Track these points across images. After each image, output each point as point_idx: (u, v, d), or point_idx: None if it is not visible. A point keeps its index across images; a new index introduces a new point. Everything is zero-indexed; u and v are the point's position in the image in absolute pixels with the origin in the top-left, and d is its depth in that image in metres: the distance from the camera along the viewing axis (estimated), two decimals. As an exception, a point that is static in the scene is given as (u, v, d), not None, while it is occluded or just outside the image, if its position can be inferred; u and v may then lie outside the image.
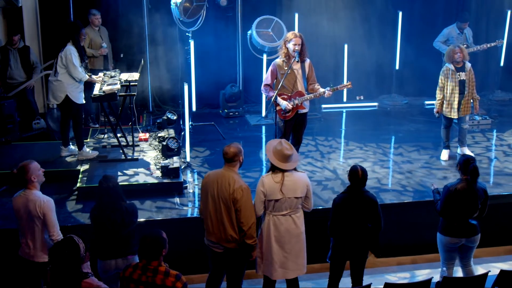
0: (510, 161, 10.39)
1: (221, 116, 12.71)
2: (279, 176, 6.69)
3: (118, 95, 9.34)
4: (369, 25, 13.32)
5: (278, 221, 6.75)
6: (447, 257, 7.46)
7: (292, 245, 6.81)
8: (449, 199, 7.15)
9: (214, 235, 6.75)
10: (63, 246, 5.10)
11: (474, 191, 7.10)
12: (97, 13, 11.44)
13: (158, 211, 8.44)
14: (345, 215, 6.87)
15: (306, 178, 6.82)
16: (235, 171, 6.69)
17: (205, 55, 12.36)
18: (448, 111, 9.98)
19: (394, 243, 8.90)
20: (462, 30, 12.34)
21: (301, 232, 6.86)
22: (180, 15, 11.37)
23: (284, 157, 6.69)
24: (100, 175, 9.09)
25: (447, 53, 10.05)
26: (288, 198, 6.67)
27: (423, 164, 10.18)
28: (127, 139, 10.31)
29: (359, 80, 13.38)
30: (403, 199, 8.92)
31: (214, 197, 6.64)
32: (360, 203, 6.84)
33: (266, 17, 12.13)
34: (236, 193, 6.50)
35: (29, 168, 6.55)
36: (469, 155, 7.55)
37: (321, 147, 10.95)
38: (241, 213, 6.54)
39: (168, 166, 9.06)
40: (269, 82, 8.80)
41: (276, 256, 6.82)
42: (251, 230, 6.57)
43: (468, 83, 9.89)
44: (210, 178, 6.76)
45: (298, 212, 6.83)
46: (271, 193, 6.68)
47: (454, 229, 7.20)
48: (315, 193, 8.94)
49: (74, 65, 9.20)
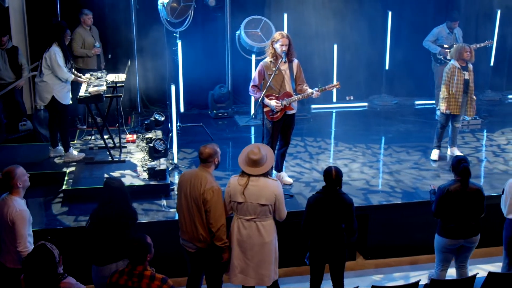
0: (499, 161, 10.35)
1: (210, 117, 12.63)
2: (244, 179, 6.64)
3: (104, 96, 9.25)
4: (359, 25, 13.23)
5: (241, 225, 6.68)
6: (443, 259, 7.40)
7: (254, 253, 6.67)
8: (442, 200, 7.10)
9: (187, 233, 6.76)
10: (37, 256, 5.00)
11: (467, 192, 7.04)
12: (89, 13, 11.35)
13: (145, 214, 8.35)
14: (318, 215, 6.77)
15: (276, 186, 6.66)
16: (209, 172, 6.66)
17: (194, 55, 12.26)
18: (452, 108, 9.89)
19: (382, 244, 8.86)
20: (452, 29, 12.30)
21: (267, 242, 6.68)
22: (167, 16, 11.27)
23: (250, 162, 6.64)
24: (86, 177, 9.14)
25: (457, 48, 9.93)
26: (251, 203, 6.57)
27: (412, 165, 10.12)
28: (114, 141, 10.21)
29: (349, 80, 13.31)
30: (391, 200, 8.86)
31: (187, 196, 6.64)
32: (334, 204, 6.74)
33: (255, 17, 12.06)
34: (206, 193, 6.48)
35: (15, 173, 6.42)
36: (461, 156, 7.50)
37: (310, 148, 10.88)
38: (210, 214, 6.51)
39: (154, 168, 8.99)
40: (256, 83, 8.73)
41: (237, 261, 6.73)
42: (220, 232, 6.53)
43: (470, 83, 9.87)
44: (185, 177, 6.77)
45: (266, 221, 6.67)
46: (233, 194, 6.65)
47: (452, 230, 7.15)
48: (302, 194, 8.90)
49: (59, 65, 9.12)
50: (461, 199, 7.04)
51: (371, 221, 8.72)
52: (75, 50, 11.14)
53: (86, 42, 11.35)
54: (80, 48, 11.24)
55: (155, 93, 12.59)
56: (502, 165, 10.15)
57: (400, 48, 13.60)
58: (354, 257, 8.84)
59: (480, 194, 7.15)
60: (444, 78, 9.90)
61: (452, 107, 9.89)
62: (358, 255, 8.94)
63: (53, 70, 9.17)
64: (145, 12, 12.14)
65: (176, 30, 11.43)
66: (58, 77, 9.22)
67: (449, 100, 9.86)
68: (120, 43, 12.26)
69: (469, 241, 7.21)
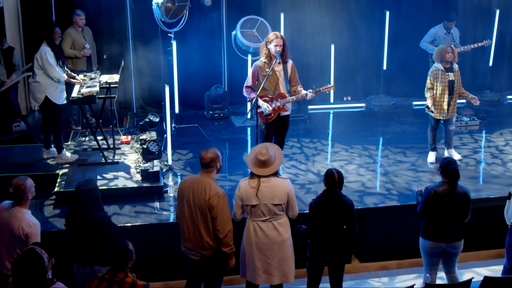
0: (497, 163, 10.24)
1: (206, 118, 12.53)
2: (255, 181, 6.60)
3: (97, 97, 9.15)
4: (356, 24, 13.14)
5: (258, 227, 6.63)
6: (429, 262, 7.30)
7: (275, 252, 6.67)
8: (428, 201, 7.01)
9: (191, 241, 6.59)
10: (26, 260, 4.91)
11: (454, 195, 6.94)
12: (82, 14, 11.24)
13: (137, 216, 8.27)
14: (321, 219, 6.71)
15: (287, 184, 6.67)
16: (211, 177, 6.53)
17: (190, 55, 12.19)
18: (437, 113, 9.81)
19: (378, 247, 8.77)
20: (449, 30, 12.20)
21: (285, 239, 6.70)
22: (161, 16, 11.16)
23: (258, 163, 6.60)
24: (79, 179, 8.98)
25: (438, 51, 9.84)
26: (264, 204, 6.54)
27: (409, 167, 10.02)
28: (108, 142, 10.12)
29: (346, 80, 13.24)
30: (387, 202, 8.75)
31: (190, 204, 6.48)
32: (336, 207, 6.68)
33: (251, 17, 11.96)
34: (212, 200, 6.34)
35: (25, 185, 6.39)
36: (449, 158, 7.42)
37: (306, 149, 10.78)
38: (217, 220, 6.37)
39: (148, 170, 8.89)
40: (250, 84, 8.64)
41: (259, 262, 6.70)
42: (227, 238, 6.42)
43: (456, 84, 9.75)
44: (186, 183, 6.60)
45: (281, 219, 6.68)
46: (246, 198, 6.59)
47: (434, 233, 7.05)
48: (297, 196, 8.69)
49: (50, 64, 9.04)
50: (447, 201, 6.94)
51: (367, 224, 8.62)
52: (64, 50, 10.92)
53: (76, 43, 11.25)
54: (69, 49, 11.12)
55: (150, 93, 12.50)
56: (500, 167, 10.04)
57: (398, 48, 13.52)
58: (349, 260, 8.72)
59: (467, 198, 7.02)
60: (427, 81, 9.79)
61: (438, 111, 9.78)
62: (353, 258, 8.84)
63: (45, 70, 9.09)
64: (140, 12, 12.05)
65: (171, 30, 11.33)
66: (51, 77, 9.13)
67: (435, 104, 9.76)
68: (116, 43, 12.15)
69: (451, 246, 7.08)
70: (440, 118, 9.87)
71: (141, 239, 7.91)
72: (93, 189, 6.64)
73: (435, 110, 9.79)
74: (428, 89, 9.77)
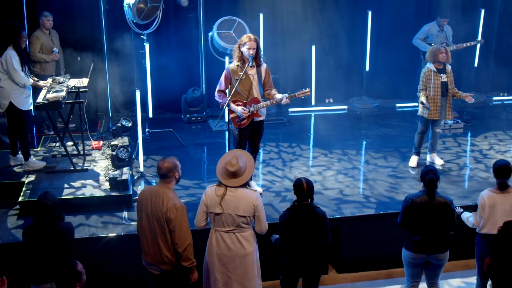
0: (480, 168, 9.93)
1: (183, 121, 12.20)
2: (222, 189, 6.31)
3: (63, 103, 8.78)
4: (338, 25, 12.88)
5: (220, 238, 6.33)
6: (411, 274, 6.98)
7: (237, 266, 6.35)
8: (407, 211, 6.69)
9: (150, 255, 6.30)
10: None
11: (433, 205, 6.61)
12: (49, 15, 10.87)
13: (103, 227, 7.91)
14: (292, 232, 6.40)
15: (255, 197, 6.33)
16: (170, 188, 6.23)
17: (167, 57, 11.88)
18: (431, 113, 9.46)
19: (356, 257, 8.44)
20: (442, 27, 11.92)
21: (248, 254, 6.38)
22: (133, 17, 10.79)
23: (228, 173, 6.31)
24: (46, 187, 8.70)
25: (431, 51, 9.51)
26: (228, 214, 6.24)
27: (389, 172, 9.70)
28: (78, 148, 9.77)
29: (328, 82, 13.03)
30: (365, 211, 8.42)
31: (148, 216, 6.19)
32: (307, 219, 6.36)
33: (228, 18, 11.63)
34: (170, 212, 6.03)
35: None
36: (431, 166, 7.09)
37: (284, 155, 10.45)
38: (176, 234, 6.08)
39: (116, 178, 8.54)
40: (222, 88, 8.30)
41: (219, 274, 6.38)
42: (186, 252, 6.11)
43: (449, 85, 9.45)
44: (144, 194, 6.32)
45: (246, 232, 6.36)
46: (211, 205, 6.31)
47: (416, 244, 6.72)
48: (272, 205, 8.48)
49: (14, 69, 8.70)
50: (427, 211, 6.60)
51: (343, 233, 8.30)
52: (33, 54, 10.64)
53: (44, 47, 10.88)
54: (38, 53, 10.77)
55: (126, 97, 12.13)
56: (483, 172, 9.74)
57: (380, 49, 13.28)
58: (326, 271, 8.43)
59: (449, 208, 6.66)
60: (420, 83, 9.48)
61: (431, 112, 9.47)
62: (330, 268, 8.53)
63: (9, 75, 8.76)
64: (114, 13, 11.69)
65: (144, 32, 10.98)
66: (16, 82, 8.79)
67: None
68: (90, 45, 11.79)
69: (435, 257, 6.74)
70: (434, 119, 9.52)
71: (105, 251, 7.68)
72: (54, 201, 6.31)
73: (430, 111, 9.44)
74: (421, 90, 9.44)
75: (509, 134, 11.64)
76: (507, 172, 6.90)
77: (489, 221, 6.88)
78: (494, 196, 6.89)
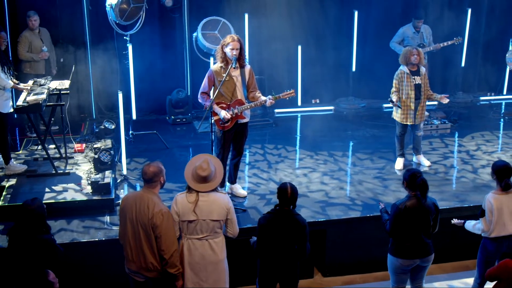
0: (467, 169, 9.84)
1: (168, 123, 12.05)
2: (193, 195, 6.18)
3: (43, 105, 8.63)
4: (324, 25, 12.79)
5: (193, 245, 6.20)
6: (398, 280, 6.84)
7: (209, 273, 6.23)
8: (398, 218, 6.52)
9: (134, 263, 6.17)
10: None
11: (424, 208, 6.50)
12: (33, 15, 10.75)
13: (85, 232, 7.77)
14: (270, 237, 6.28)
15: (227, 200, 6.25)
16: (155, 193, 6.11)
17: (151, 58, 11.73)
18: (404, 118, 9.42)
19: (341, 261, 8.34)
20: (419, 28, 11.82)
21: (220, 260, 6.28)
22: (116, 18, 10.63)
23: (199, 178, 6.19)
24: (26, 192, 8.54)
25: (403, 53, 9.44)
26: (203, 220, 6.12)
27: (375, 174, 9.60)
28: (60, 151, 9.62)
29: (315, 83, 12.92)
30: (350, 214, 8.31)
31: (133, 222, 6.05)
32: (286, 226, 6.23)
33: (212, 18, 11.50)
34: (156, 218, 5.90)
35: None
36: (414, 169, 6.98)
37: (269, 156, 10.33)
38: (162, 240, 5.95)
39: (98, 182, 8.40)
40: (206, 90, 8.18)
41: (191, 284, 6.24)
42: (173, 258, 5.99)
43: (424, 88, 9.35)
44: (128, 200, 6.17)
45: (217, 237, 6.25)
46: (183, 214, 6.16)
47: (407, 250, 6.59)
48: (256, 208, 8.36)
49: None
50: (418, 215, 6.50)
51: (329, 237, 8.20)
52: (21, 54, 10.66)
53: (33, 46, 10.78)
54: (27, 52, 10.70)
55: (109, 98, 11.96)
56: (470, 174, 9.65)
57: (367, 49, 13.19)
58: (311, 275, 8.33)
59: (436, 209, 6.60)
60: (393, 85, 9.39)
61: (403, 117, 9.39)
62: (316, 272, 8.42)
63: (-12, 77, 8.59)
64: (98, 14, 11.52)
65: (126, 33, 10.83)
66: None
67: (401, 108, 9.36)
68: (73, 46, 11.62)
69: (425, 260, 6.66)
70: (407, 124, 9.47)
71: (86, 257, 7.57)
72: (39, 208, 6.12)
73: (402, 115, 9.39)
74: (393, 92, 9.36)
75: (496, 135, 11.57)
76: (509, 172, 6.85)
77: (498, 224, 6.84)
78: (500, 198, 6.85)
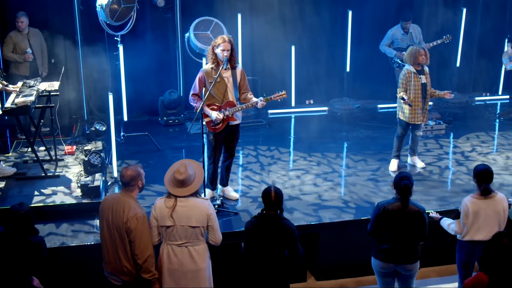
0: (462, 171, 9.75)
1: (161, 124, 11.94)
2: (172, 200, 6.04)
3: (32, 107, 8.50)
4: (318, 25, 12.67)
5: (172, 252, 6.06)
6: (382, 283, 6.76)
7: (188, 282, 6.07)
8: (378, 219, 6.45)
9: (110, 265, 6.11)
10: None
11: (405, 213, 6.38)
12: (21, 16, 10.61)
13: (74, 236, 7.65)
14: (256, 242, 6.16)
15: (207, 206, 6.06)
16: (132, 197, 6.02)
17: (143, 59, 11.59)
18: (412, 117, 9.26)
19: (335, 264, 8.23)
20: (407, 30, 11.74)
21: (201, 269, 6.09)
22: (106, 18, 10.50)
23: (176, 182, 6.05)
24: (15, 195, 8.43)
25: (411, 53, 9.26)
26: (181, 226, 5.97)
27: (369, 176, 9.50)
28: (50, 153, 9.50)
29: (308, 83, 12.84)
30: (344, 217, 8.21)
31: (109, 224, 6.00)
32: (273, 231, 6.10)
33: (205, 18, 11.38)
34: (130, 222, 5.82)
35: None
36: (405, 172, 6.84)
37: (262, 158, 10.22)
38: (135, 244, 5.87)
39: (88, 185, 8.28)
40: (197, 91, 8.06)
41: None
42: (147, 263, 5.90)
43: (428, 87, 9.26)
44: (106, 202, 6.11)
45: (198, 245, 6.07)
46: (161, 218, 6.03)
47: (385, 252, 6.50)
48: (248, 211, 8.25)
49: None
50: (398, 219, 6.38)
51: (322, 240, 8.09)
52: (5, 54, 10.57)
53: (18, 47, 10.67)
54: (10, 53, 10.59)
55: (101, 100, 11.84)
56: (464, 175, 9.55)
57: (361, 49, 13.10)
58: (304, 278, 8.22)
59: (421, 217, 6.42)
60: (399, 85, 9.27)
61: (412, 116, 9.27)
62: (309, 275, 8.31)
63: (-24, 79, 8.49)
64: (89, 14, 11.39)
65: (118, 33, 10.70)
66: (-18, 87, 8.54)
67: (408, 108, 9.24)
68: (64, 47, 11.50)
69: (403, 268, 6.53)
70: (414, 123, 9.33)
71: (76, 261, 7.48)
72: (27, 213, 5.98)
73: (410, 114, 9.24)
74: (401, 92, 9.19)
75: (491, 135, 11.48)
76: (489, 177, 6.72)
77: (472, 228, 6.73)
78: (477, 202, 6.72)
